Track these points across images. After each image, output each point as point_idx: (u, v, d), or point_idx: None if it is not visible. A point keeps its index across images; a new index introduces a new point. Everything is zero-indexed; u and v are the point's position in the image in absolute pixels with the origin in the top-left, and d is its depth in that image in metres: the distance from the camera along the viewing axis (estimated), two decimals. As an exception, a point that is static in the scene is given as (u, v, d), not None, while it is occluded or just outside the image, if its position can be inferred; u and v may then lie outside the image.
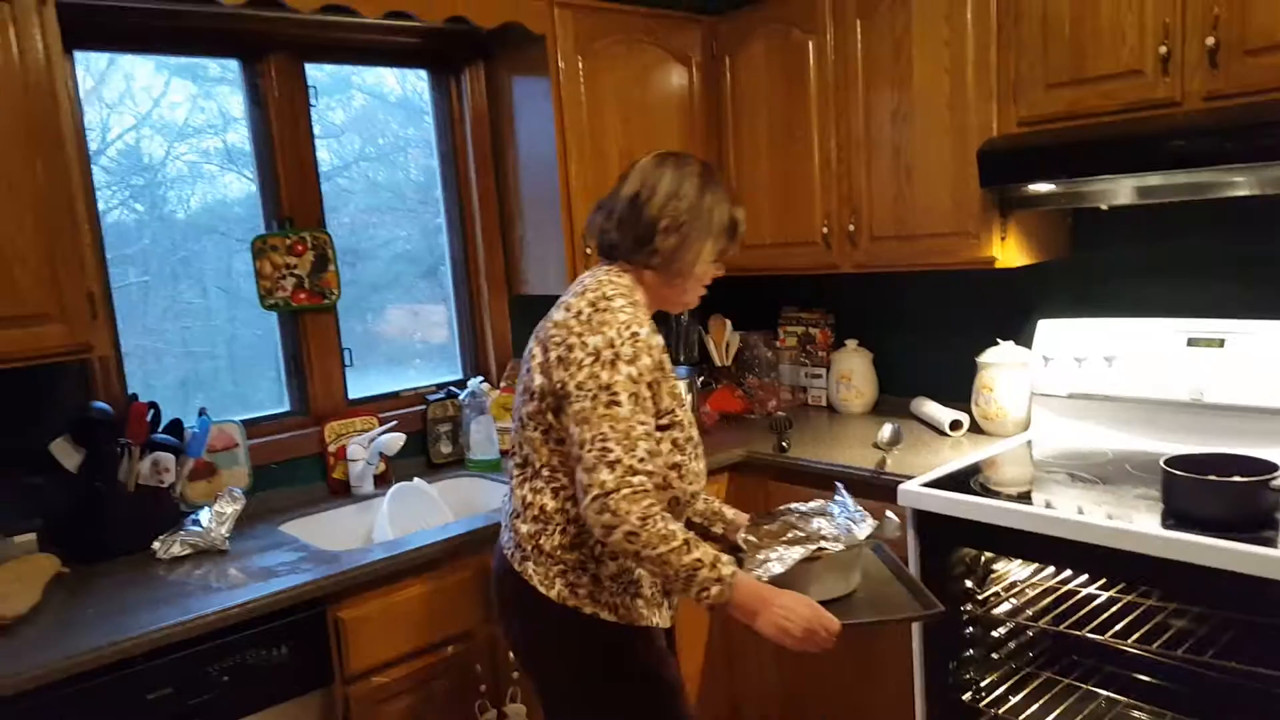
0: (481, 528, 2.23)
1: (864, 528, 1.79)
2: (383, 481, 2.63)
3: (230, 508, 2.23)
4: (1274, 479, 1.82)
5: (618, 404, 1.54)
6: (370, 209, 2.90)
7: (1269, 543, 1.73)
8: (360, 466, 2.59)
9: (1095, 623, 2.24)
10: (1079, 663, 2.38)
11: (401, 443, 2.60)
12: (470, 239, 3.00)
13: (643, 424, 1.56)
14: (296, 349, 2.65)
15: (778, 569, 1.68)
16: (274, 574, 2.01)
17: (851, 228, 2.74)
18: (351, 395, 2.77)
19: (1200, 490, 1.86)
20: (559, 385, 1.59)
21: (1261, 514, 1.83)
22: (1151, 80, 2.09)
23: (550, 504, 1.67)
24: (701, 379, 2.89)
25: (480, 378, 2.87)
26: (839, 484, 1.97)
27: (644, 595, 1.71)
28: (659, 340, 1.67)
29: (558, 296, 2.79)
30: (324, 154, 2.73)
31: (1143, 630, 2.18)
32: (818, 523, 1.83)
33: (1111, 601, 2.29)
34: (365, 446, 2.59)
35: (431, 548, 2.15)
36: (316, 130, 2.67)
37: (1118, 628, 2.20)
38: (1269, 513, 1.83)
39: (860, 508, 1.86)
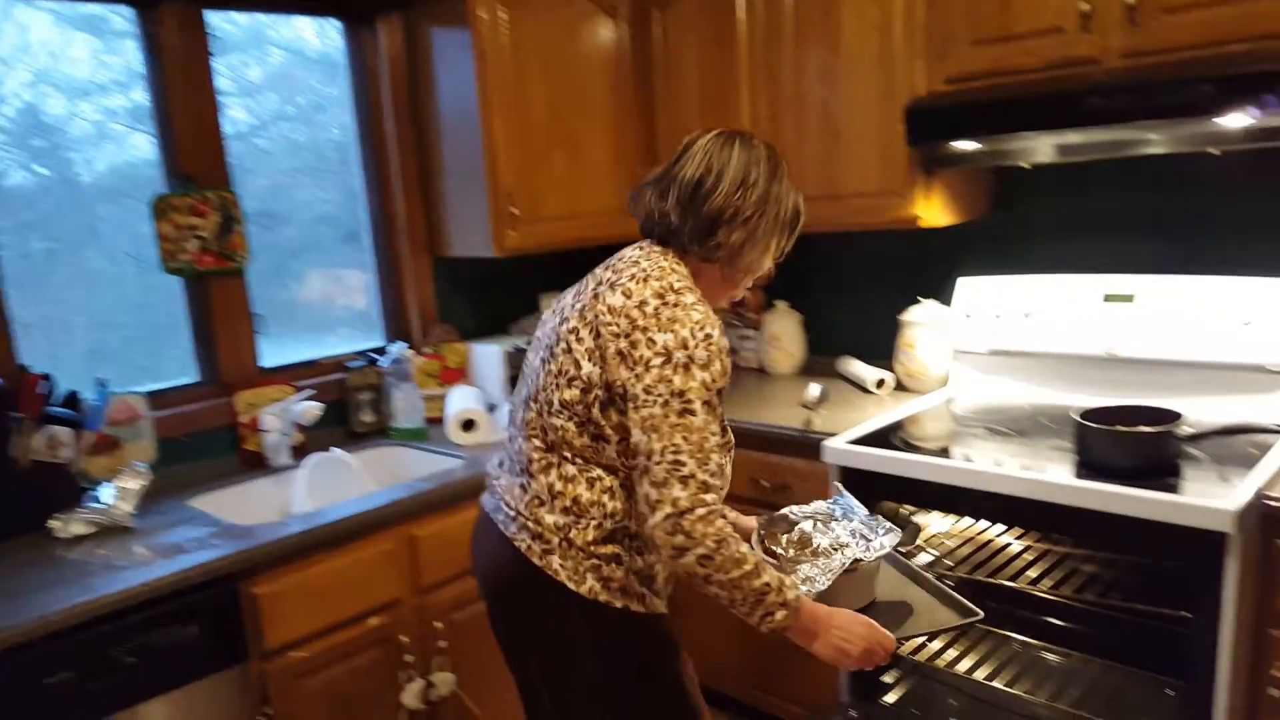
0: (405, 498, 2.19)
1: (888, 536, 1.69)
2: (300, 453, 2.54)
3: (134, 483, 2.14)
4: (1178, 428, 1.88)
5: (691, 413, 1.42)
6: (290, 170, 2.79)
7: (1172, 489, 1.79)
8: (275, 438, 2.51)
9: (1010, 570, 2.30)
10: (995, 609, 2.43)
11: (319, 412, 2.52)
12: (389, 199, 2.91)
13: (714, 434, 1.46)
14: (203, 315, 2.54)
15: (823, 584, 1.59)
16: (182, 550, 1.94)
17: (777, 186, 2.72)
18: (265, 364, 2.67)
19: (1109, 440, 1.91)
20: (618, 383, 1.47)
21: (1166, 462, 1.89)
22: (1073, 38, 2.11)
23: (586, 495, 1.54)
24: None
25: (403, 343, 2.80)
26: (838, 484, 1.91)
27: (657, 584, 1.61)
28: (727, 343, 1.53)
29: (484, 259, 2.80)
30: (240, 113, 2.61)
31: (1055, 576, 2.25)
32: (836, 529, 1.72)
33: (1026, 549, 2.35)
34: (280, 417, 2.51)
35: (351, 519, 2.10)
36: (229, 87, 2.54)
37: (1031, 574, 2.26)
38: (1173, 460, 1.89)
39: (864, 508, 1.78)
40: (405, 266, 2.94)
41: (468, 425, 2.58)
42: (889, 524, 1.72)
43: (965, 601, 1.73)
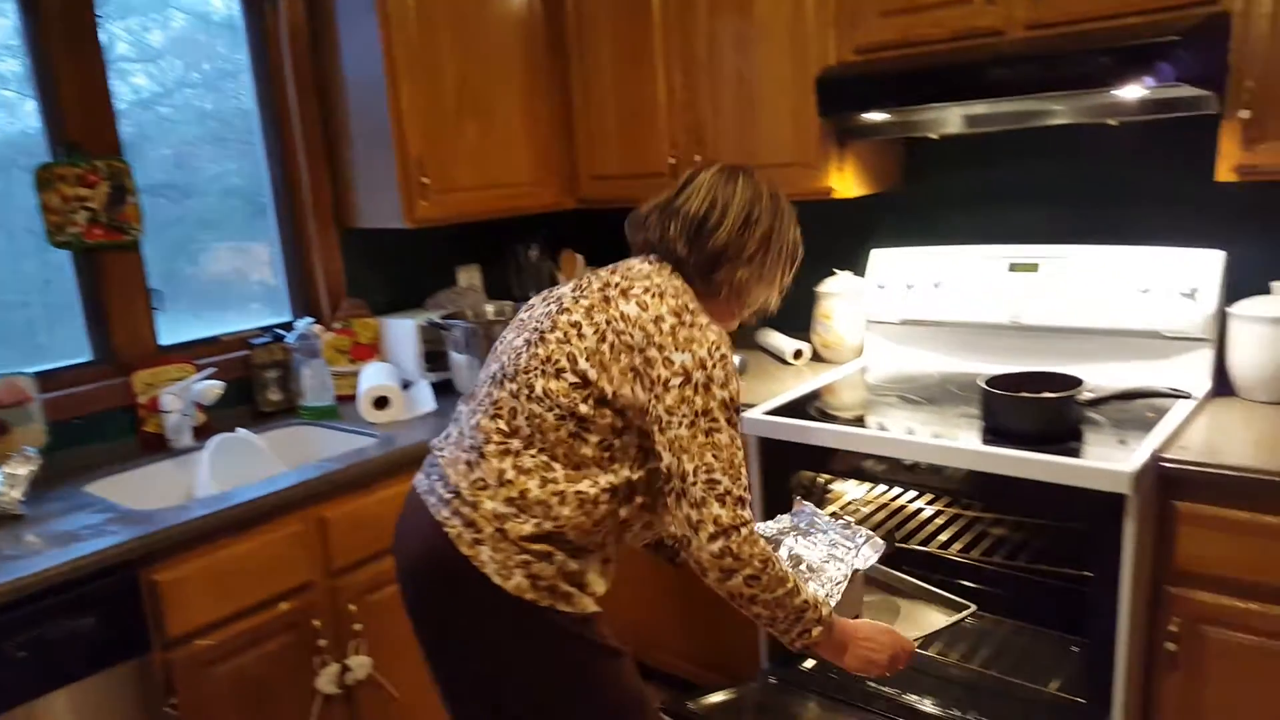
0: (314, 478, 2.12)
1: (869, 544, 1.74)
2: (204, 434, 2.44)
3: (23, 469, 2.03)
4: (1079, 393, 1.93)
5: (718, 430, 1.42)
6: (196, 140, 2.66)
7: (1074, 453, 1.85)
8: (176, 418, 2.40)
9: (923, 534, 2.36)
10: (910, 573, 2.49)
11: (219, 391, 2.42)
12: (293, 169, 2.80)
13: (740, 449, 1.46)
14: (95, 291, 2.41)
15: (835, 600, 1.61)
16: (77, 538, 1.84)
17: (698, 158, 2.70)
18: (165, 341, 2.55)
19: (1013, 406, 1.96)
20: (634, 402, 1.45)
21: (1068, 426, 1.95)
22: (978, 9, 2.13)
23: (535, 492, 1.49)
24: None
25: (310, 319, 2.70)
26: (798, 496, 1.92)
27: (588, 585, 1.56)
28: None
29: (395, 230, 2.72)
30: (141, 79, 2.47)
31: (966, 540, 2.32)
32: (818, 543, 1.75)
33: (938, 514, 2.42)
34: (180, 396, 2.41)
35: (257, 502, 2.03)
36: (128, 51, 2.41)
37: (943, 538, 2.33)
38: (1074, 425, 1.95)
39: (827, 516, 1.80)
40: (311, 239, 2.83)
41: (380, 403, 2.51)
42: (863, 530, 1.78)
43: (948, 595, 1.85)
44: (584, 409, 1.47)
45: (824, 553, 1.72)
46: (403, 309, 2.98)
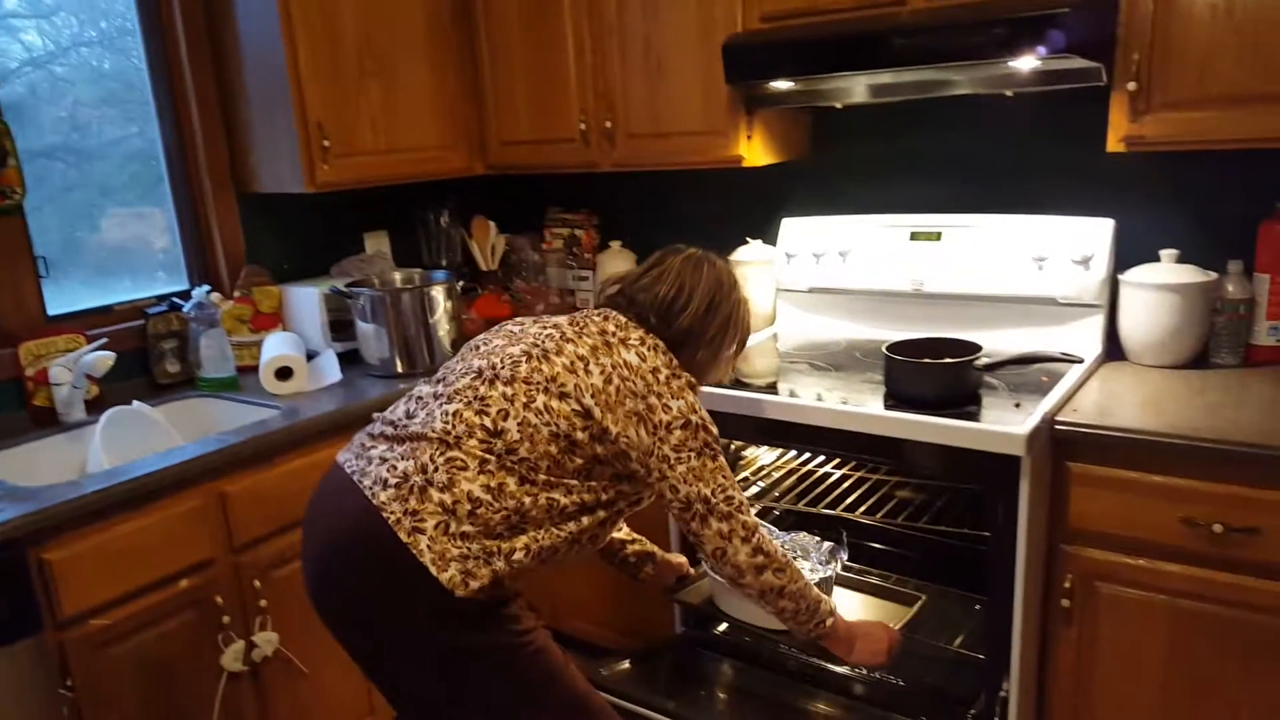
0: (213, 452, 2.05)
1: (829, 548, 2.10)
2: (98, 407, 2.35)
3: (-102, 446, 1.93)
4: (978, 359, 1.98)
5: (718, 458, 1.63)
6: (95, 102, 2.53)
7: (971, 416, 1.90)
8: (66, 391, 2.30)
9: (832, 498, 2.40)
10: (820, 536, 2.55)
11: (110, 362, 2.32)
12: (188, 131, 2.68)
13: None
14: (-26, 259, 2.29)
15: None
16: (-43, 517, 1.76)
17: (608, 124, 2.68)
18: (56, 311, 2.44)
19: (913, 372, 2.01)
20: (637, 444, 1.58)
21: (966, 391, 2.00)
22: (881, -24, 2.15)
23: (512, 487, 1.52)
24: (462, 284, 2.78)
25: (206, 287, 2.61)
26: None
27: (517, 594, 1.58)
28: None
29: (299, 195, 2.64)
30: (32, 36, 2.34)
31: (874, 503, 2.37)
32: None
33: (845, 478, 2.47)
34: (70, 368, 2.30)
35: (153, 476, 1.95)
36: (18, 7, 2.28)
37: (849, 501, 2.37)
38: (973, 390, 2.00)
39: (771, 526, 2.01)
40: (208, 204, 2.73)
41: (283, 373, 2.44)
42: (808, 535, 2.04)
43: (898, 589, 2.06)
44: (580, 436, 1.56)
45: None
46: (308, 277, 2.89)
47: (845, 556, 2.17)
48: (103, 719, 1.90)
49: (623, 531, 2.03)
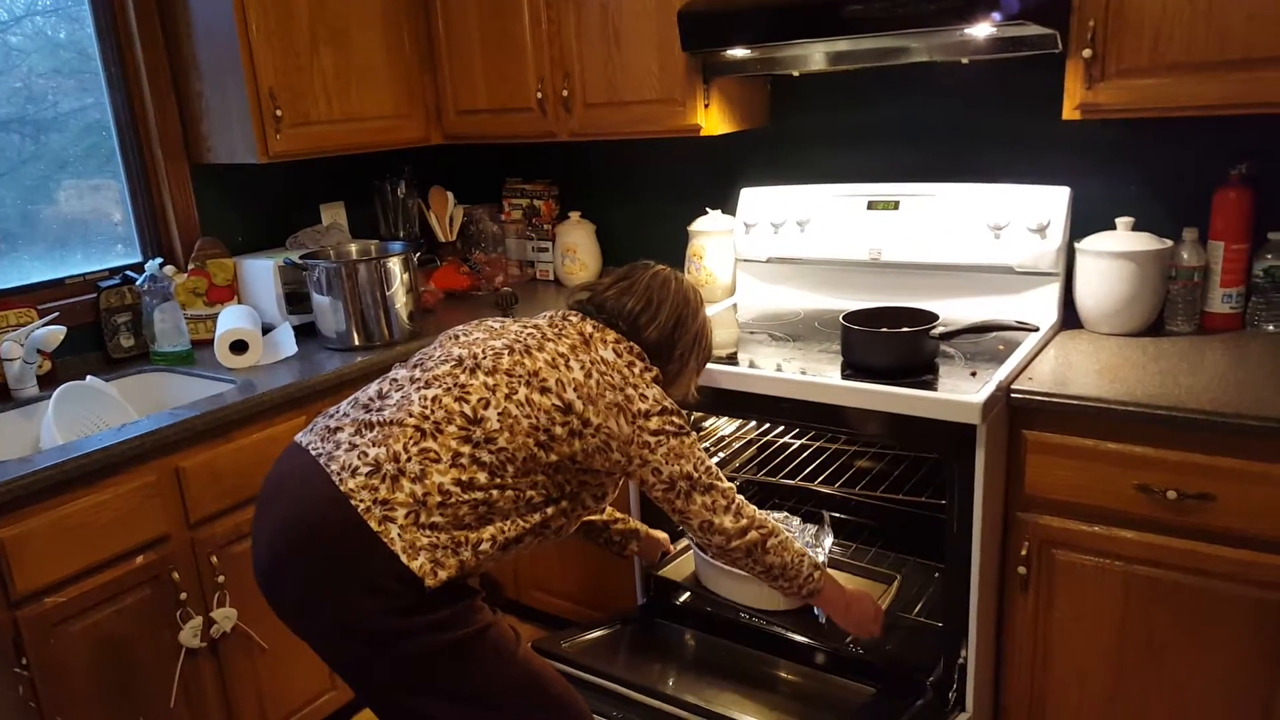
0: (167, 426, 2.02)
1: (824, 536, 2.20)
2: (51, 382, 2.31)
3: None
4: (934, 328, 1.99)
5: (691, 433, 1.70)
6: (50, 72, 2.47)
7: (928, 386, 1.90)
8: (17, 366, 2.26)
9: (792, 467, 2.41)
10: (780, 505, 2.57)
11: (60, 336, 2.28)
12: (137, 100, 2.62)
13: None
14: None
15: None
16: (-97, 495, 1.73)
17: (565, 93, 2.65)
18: (5, 285, 2.41)
19: (869, 342, 2.01)
20: (617, 434, 1.62)
21: (923, 360, 2.00)
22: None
23: (483, 479, 1.53)
24: (420, 255, 2.75)
25: (159, 260, 2.56)
26: None
27: (476, 572, 1.57)
28: None
29: (253, 165, 2.59)
30: None
31: (830, 471, 2.38)
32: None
33: (805, 448, 2.47)
34: (20, 343, 2.26)
35: (108, 451, 1.93)
36: None
37: (809, 470, 2.38)
38: (930, 359, 2.01)
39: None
40: (160, 175, 2.68)
41: (238, 347, 2.41)
42: (792, 517, 2.10)
43: (874, 569, 2.11)
44: (559, 431, 1.58)
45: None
46: (263, 249, 2.85)
47: (831, 540, 2.21)
48: (59, 697, 1.88)
49: (605, 513, 2.06)
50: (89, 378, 2.32)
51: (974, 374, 1.93)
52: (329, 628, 1.54)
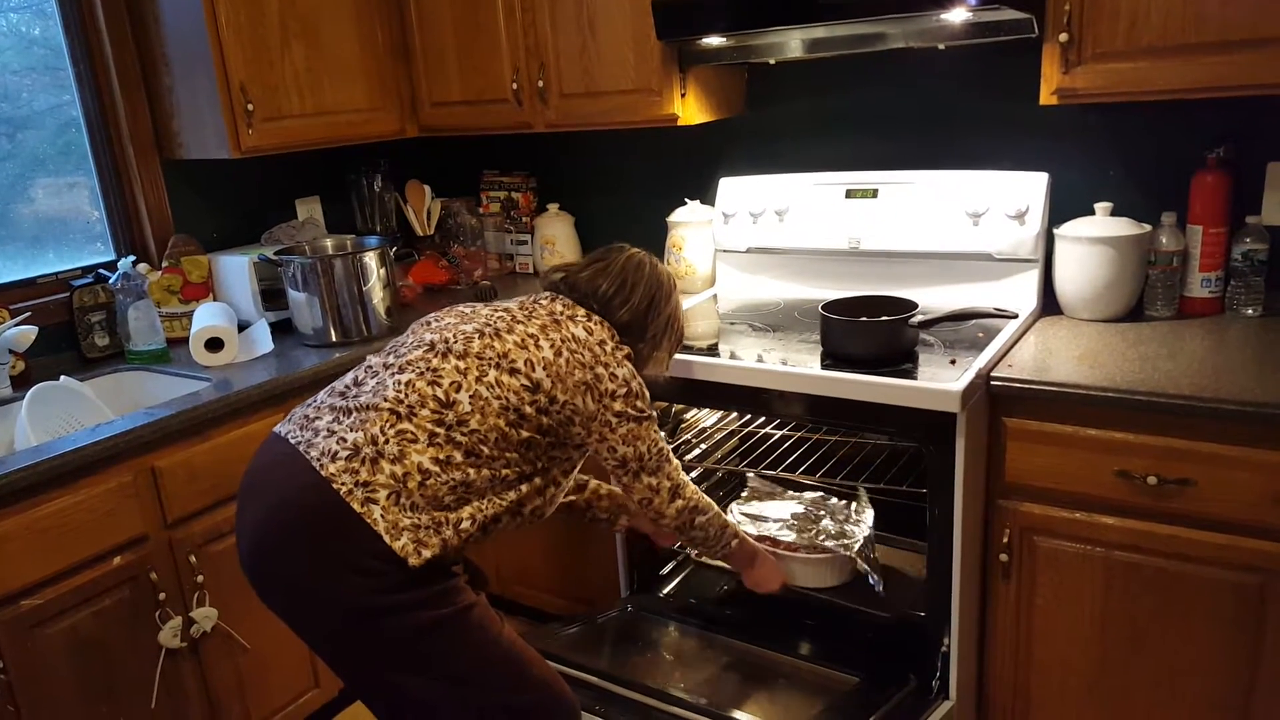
0: (142, 425, 2.00)
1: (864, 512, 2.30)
2: (25, 383, 2.29)
3: None
4: (913, 317, 1.98)
5: (653, 422, 1.75)
6: (24, 70, 2.45)
7: (907, 374, 1.89)
8: (-11, 367, 2.24)
9: (773, 458, 2.41)
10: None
11: (32, 336, 2.26)
12: (107, 97, 2.59)
13: None
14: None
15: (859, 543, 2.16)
16: (-125, 499, 1.71)
17: (541, 84, 2.63)
18: (-21, 285, 2.38)
19: (848, 331, 2.00)
20: (583, 410, 1.67)
21: (903, 349, 1.99)
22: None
23: (459, 459, 1.55)
24: (398, 250, 2.73)
25: (132, 258, 2.53)
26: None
27: (456, 553, 1.58)
28: None
29: (221, 161, 2.57)
30: None
31: (812, 460, 2.37)
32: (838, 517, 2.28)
33: (786, 438, 2.47)
34: (-8, 344, 2.24)
35: (82, 451, 1.91)
36: None
37: (790, 460, 2.38)
38: (909, 347, 2.00)
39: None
40: (131, 171, 2.64)
41: (213, 344, 2.38)
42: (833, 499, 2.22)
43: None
44: (528, 410, 1.61)
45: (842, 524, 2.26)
46: (238, 245, 2.82)
47: (871, 513, 2.28)
48: (38, 700, 1.87)
49: (588, 491, 2.10)
50: (63, 377, 2.29)
51: (953, 362, 1.93)
52: (316, 610, 1.55)
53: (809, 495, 2.38)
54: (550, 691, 1.64)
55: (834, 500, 2.34)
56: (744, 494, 2.47)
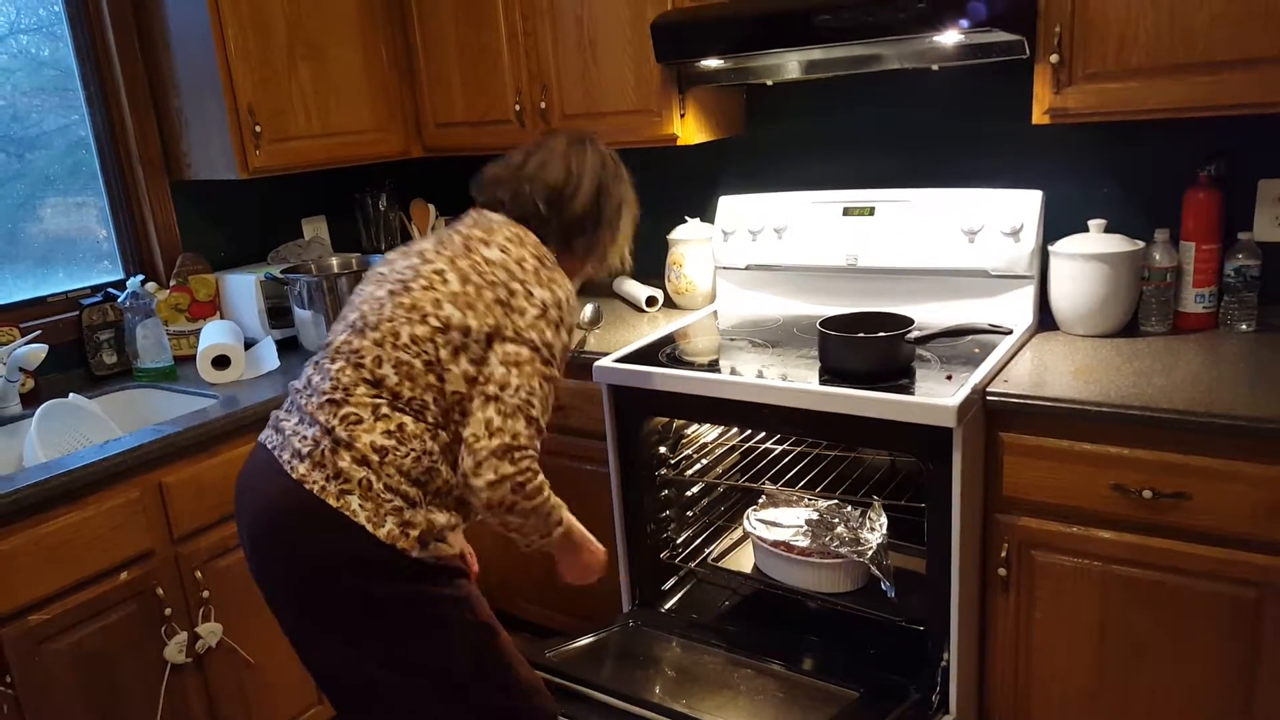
0: (149, 443, 2.03)
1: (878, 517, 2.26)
2: (33, 400, 2.32)
3: None
4: (909, 333, 2.00)
5: (550, 367, 1.58)
6: (34, 90, 2.50)
7: (905, 390, 1.91)
8: (0, 385, 2.27)
9: (772, 473, 2.42)
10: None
11: (42, 354, 2.29)
12: (117, 118, 2.64)
13: (554, 395, 1.61)
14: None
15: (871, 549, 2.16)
16: (-112, 515, 1.73)
17: (543, 105, 2.67)
18: (-8, 303, 2.42)
19: (846, 347, 2.02)
20: (496, 328, 1.55)
21: (900, 365, 2.01)
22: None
23: (411, 427, 1.53)
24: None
25: (140, 276, 2.57)
26: None
27: (447, 540, 1.58)
28: None
29: (228, 181, 2.60)
30: None
31: (811, 475, 2.39)
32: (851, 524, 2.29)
33: (784, 454, 2.49)
34: (4, 362, 2.27)
35: (91, 468, 1.93)
36: None
37: (790, 475, 2.40)
38: (906, 363, 2.02)
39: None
40: (141, 191, 2.68)
41: (220, 362, 2.42)
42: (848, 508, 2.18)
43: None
44: (444, 354, 1.53)
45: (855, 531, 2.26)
46: (245, 264, 2.86)
47: (885, 520, 2.25)
48: (44, 715, 1.88)
49: None
50: (72, 395, 2.32)
51: (949, 377, 1.95)
52: (314, 610, 1.57)
53: (823, 503, 2.39)
54: (538, 697, 1.66)
55: (848, 508, 2.35)
56: (760, 500, 2.48)
